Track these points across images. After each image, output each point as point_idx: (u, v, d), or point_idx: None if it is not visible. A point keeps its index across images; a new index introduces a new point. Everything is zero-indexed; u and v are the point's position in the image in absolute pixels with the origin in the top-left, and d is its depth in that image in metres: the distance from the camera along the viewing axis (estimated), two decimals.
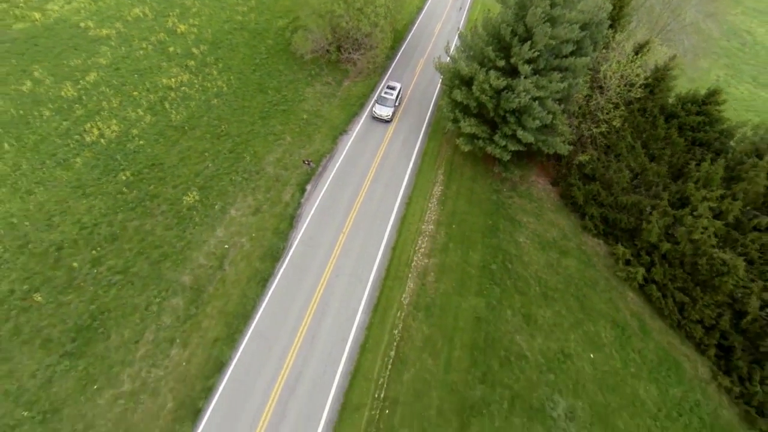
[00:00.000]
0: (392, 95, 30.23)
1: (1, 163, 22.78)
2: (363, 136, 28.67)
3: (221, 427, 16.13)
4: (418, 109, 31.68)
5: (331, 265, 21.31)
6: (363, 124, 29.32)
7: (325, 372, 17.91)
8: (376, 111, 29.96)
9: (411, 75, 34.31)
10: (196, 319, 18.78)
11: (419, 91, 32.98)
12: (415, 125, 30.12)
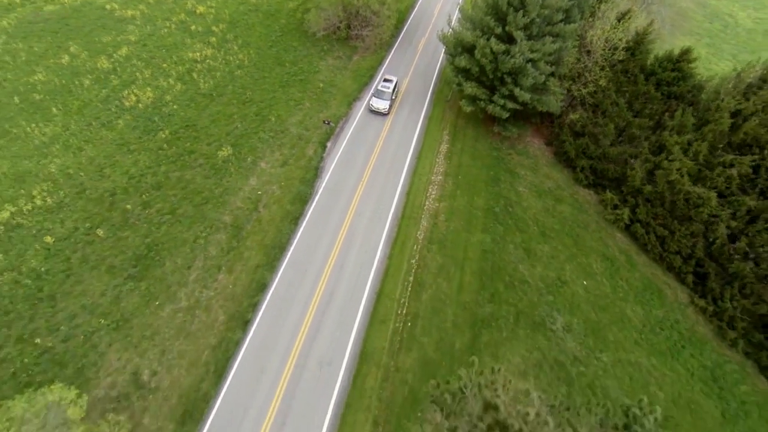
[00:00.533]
0: (389, 88, 30.35)
1: (52, 125, 25.20)
2: None
3: (267, 334, 18.72)
4: (422, 80, 34.35)
5: (354, 208, 23.95)
6: (373, 91, 32.07)
7: (354, 292, 20.57)
8: (373, 104, 30.07)
9: (414, 51, 36.98)
10: (238, 251, 21.34)
11: (422, 65, 35.67)
12: (420, 94, 32.77)
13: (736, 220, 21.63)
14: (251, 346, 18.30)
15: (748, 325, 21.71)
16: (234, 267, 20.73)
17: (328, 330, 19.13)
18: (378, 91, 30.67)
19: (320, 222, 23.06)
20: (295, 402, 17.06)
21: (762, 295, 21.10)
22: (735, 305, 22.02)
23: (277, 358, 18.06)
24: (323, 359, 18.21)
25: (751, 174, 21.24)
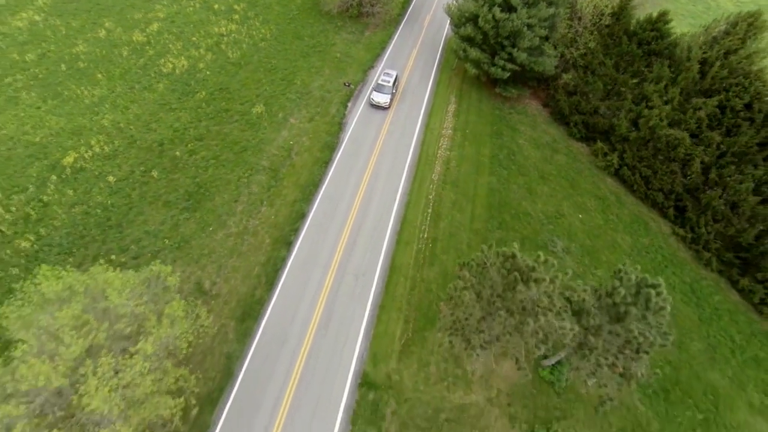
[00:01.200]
0: (389, 82, 30.26)
1: (99, 88, 27.74)
2: (390, 68, 34.35)
3: (309, 252, 21.50)
4: (429, 52, 37.34)
5: (376, 154, 26.86)
6: (386, 63, 34.87)
7: (381, 220, 23.45)
8: (373, 98, 29.88)
9: (420, 27, 40.01)
10: (277, 189, 24.09)
11: (428, 39, 38.68)
12: (428, 64, 35.74)
13: (708, 155, 24.92)
14: (295, 262, 21.10)
15: (720, 247, 24.94)
16: (274, 201, 23.49)
17: (361, 249, 21.99)
18: (378, 85, 30.60)
19: (347, 165, 25.93)
20: (337, 304, 19.87)
21: (730, 219, 24.36)
22: (709, 230, 25.25)
23: (318, 271, 20.88)
24: (358, 271, 21.07)
25: (718, 114, 24.54)
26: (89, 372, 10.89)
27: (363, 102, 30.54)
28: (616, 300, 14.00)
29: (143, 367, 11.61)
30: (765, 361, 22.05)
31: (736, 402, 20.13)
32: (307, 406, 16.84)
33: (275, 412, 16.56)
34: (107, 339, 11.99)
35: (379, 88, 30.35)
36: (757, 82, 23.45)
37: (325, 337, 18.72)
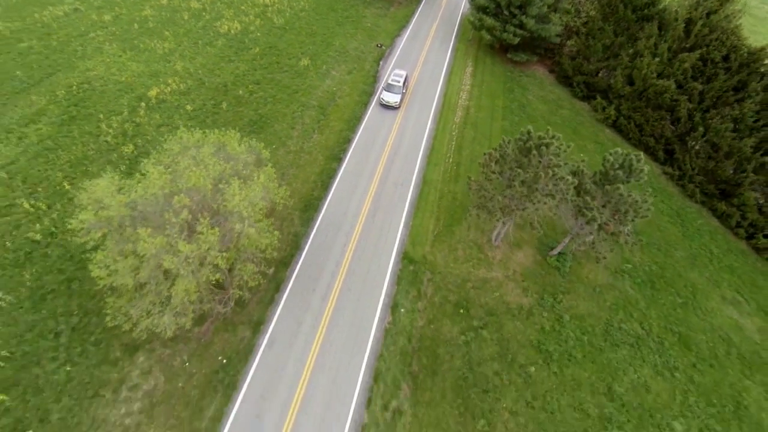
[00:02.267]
0: (399, 82, 30.28)
1: (168, 43, 32.25)
2: (412, 38, 38.82)
3: (356, 165, 25.73)
4: (448, 24, 41.99)
5: (406, 100, 31.33)
6: (410, 32, 39.45)
7: (413, 147, 27.71)
8: (383, 98, 29.77)
9: (439, 5, 44.97)
10: (325, 121, 28.39)
11: (447, 14, 43.48)
12: (447, 34, 40.30)
13: (692, 102, 29.07)
14: (345, 173, 25.31)
15: (703, 180, 28.95)
16: (324, 130, 27.76)
17: (398, 166, 26.18)
18: (388, 84, 30.48)
19: (379, 116, 30.28)
20: (381, 203, 24.01)
21: (710, 154, 28.44)
22: (693, 167, 29.33)
23: (364, 179, 25.07)
24: (397, 182, 25.26)
25: (700, 65, 28.75)
26: (228, 184, 15.17)
27: (393, 60, 35.08)
28: (607, 166, 18.17)
29: (257, 194, 15.80)
30: (738, 270, 25.92)
31: (710, 294, 24.02)
32: (360, 271, 20.89)
33: (335, 275, 20.62)
34: (232, 173, 16.25)
35: (389, 87, 30.35)
36: (732, 36, 27.72)
37: (372, 225, 22.86)
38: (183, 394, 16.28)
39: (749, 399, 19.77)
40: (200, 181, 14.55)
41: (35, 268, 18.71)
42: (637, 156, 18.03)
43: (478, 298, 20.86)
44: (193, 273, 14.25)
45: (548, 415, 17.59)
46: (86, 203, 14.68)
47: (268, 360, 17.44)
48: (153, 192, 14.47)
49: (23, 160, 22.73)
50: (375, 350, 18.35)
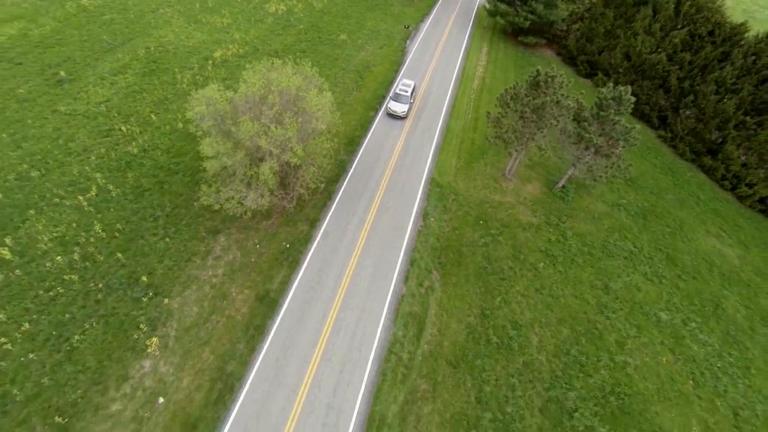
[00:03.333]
0: (407, 92, 29.47)
1: (225, 19, 36.89)
2: (434, 24, 43.22)
3: (386, 122, 29.68)
4: (465, 14, 46.41)
5: (430, 71, 35.44)
6: (432, 19, 44.04)
7: (437, 105, 31.68)
8: (390, 108, 28.94)
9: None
10: (362, 82, 32.51)
11: (464, 6, 48.14)
12: (465, 22, 44.71)
13: (682, 72, 32.79)
14: (380, 120, 29.19)
15: (692, 140, 32.44)
16: (361, 89, 31.84)
17: (426, 118, 30.12)
18: (396, 94, 29.64)
19: (411, 73, 34.47)
20: (411, 143, 27.83)
21: (698, 116, 31.97)
22: (683, 128, 32.85)
23: (397, 126, 29.05)
24: (425, 129, 29.13)
25: (689, 40, 32.56)
26: (307, 92, 19.23)
27: (417, 42, 39.46)
28: (601, 98, 21.91)
29: (326, 103, 19.83)
30: (722, 212, 29.10)
31: (696, 228, 27.25)
32: (396, 189, 24.57)
33: (375, 191, 24.29)
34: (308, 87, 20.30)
35: (396, 97, 29.51)
36: (717, 14, 31.63)
37: (405, 159, 26.66)
38: (256, 265, 19.98)
39: (726, 303, 22.89)
40: (287, 83, 18.65)
41: (134, 173, 22.77)
42: (625, 89, 21.75)
43: (494, 215, 24.45)
44: (278, 154, 18.20)
45: (554, 300, 20.93)
46: (199, 100, 18.82)
47: (323, 247, 21.11)
48: (252, 91, 18.57)
49: (116, 99, 27.08)
50: (410, 245, 21.93)
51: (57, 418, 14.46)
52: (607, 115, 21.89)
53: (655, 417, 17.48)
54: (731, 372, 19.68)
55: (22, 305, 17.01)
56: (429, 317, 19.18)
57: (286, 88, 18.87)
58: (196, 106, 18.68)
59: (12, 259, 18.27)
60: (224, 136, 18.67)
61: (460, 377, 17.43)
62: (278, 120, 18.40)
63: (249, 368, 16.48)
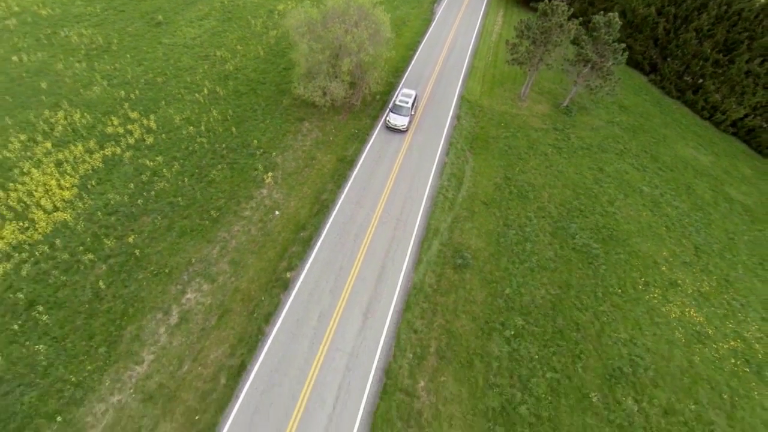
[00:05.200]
0: (407, 103, 27.59)
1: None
2: None
3: (426, 56, 35.99)
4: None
5: (455, 26, 41.89)
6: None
7: (464, 47, 38.06)
8: (390, 120, 27.04)
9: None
10: (400, 32, 38.96)
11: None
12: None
13: (668, 23, 38.83)
14: (418, 58, 35.68)
15: (677, 81, 38.37)
16: (401, 37, 38.28)
17: (453, 58, 36.58)
18: (396, 106, 27.65)
19: (438, 30, 40.91)
20: (444, 74, 34.18)
21: (682, 59, 37.92)
22: (669, 71, 38.82)
23: (431, 63, 35.41)
24: (453, 66, 35.53)
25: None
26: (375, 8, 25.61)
27: (444, 4, 46.11)
28: (594, 23, 28.06)
29: (387, 19, 26.18)
30: (700, 133, 34.84)
31: (676, 141, 33.14)
32: (435, 100, 30.91)
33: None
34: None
35: (396, 109, 27.44)
36: None
37: (439, 84, 33.03)
38: (333, 142, 26.30)
39: (696, 187, 28.76)
40: (363, 0, 25.10)
41: (233, 82, 29.27)
42: (613, 16, 27.87)
43: (512, 121, 30.64)
44: (356, 52, 24.58)
45: (559, 173, 26.98)
46: (297, 12, 25.35)
47: (383, 133, 27.39)
48: (336, 5, 25.04)
49: (205, 36, 33.72)
50: (448, 135, 28.16)
51: (213, 212, 20.79)
52: (599, 35, 28.03)
53: (635, 245, 23.41)
54: (696, 225, 25.56)
55: (171, 155, 23.43)
56: (466, 176, 25.36)
57: (362, 4, 25.29)
58: (291, 18, 25.18)
59: (157, 129, 24.76)
60: (316, 40, 25.08)
61: (491, 211, 23.54)
62: (356, 26, 24.82)
63: (337, 197, 22.73)
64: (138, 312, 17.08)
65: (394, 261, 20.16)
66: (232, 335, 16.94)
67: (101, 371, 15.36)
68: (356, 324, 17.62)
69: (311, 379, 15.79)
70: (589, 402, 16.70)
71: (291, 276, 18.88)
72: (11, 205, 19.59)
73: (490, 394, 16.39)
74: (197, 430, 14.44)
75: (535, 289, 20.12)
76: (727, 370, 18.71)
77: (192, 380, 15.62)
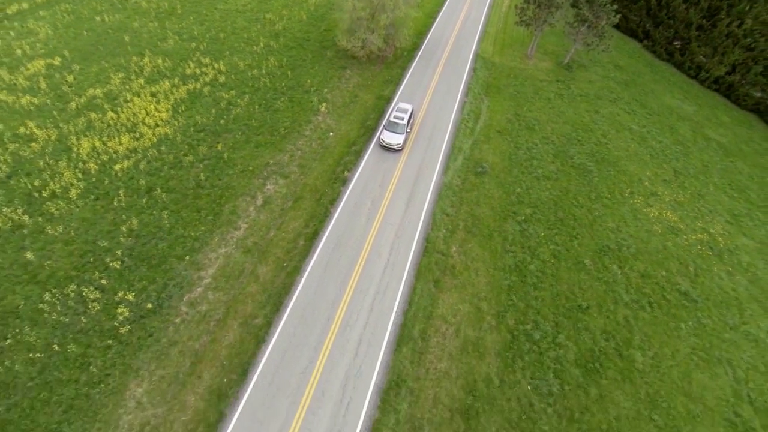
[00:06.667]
0: (403, 119, 24.72)
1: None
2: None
3: (441, 30, 39.89)
4: None
5: (463, 12, 45.71)
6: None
7: (477, 19, 41.90)
8: (384, 139, 24.31)
9: None
10: (421, 9, 42.91)
11: None
12: None
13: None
14: (439, 21, 39.59)
15: (667, 45, 41.99)
16: (419, 11, 42.26)
17: (467, 28, 40.42)
18: (390, 122, 24.87)
19: (454, 3, 44.75)
20: (462, 35, 38.10)
21: (671, 26, 41.50)
22: (659, 36, 42.41)
23: (450, 25, 39.30)
24: (467, 33, 39.41)
25: None
26: None
27: None
28: None
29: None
30: (685, 89, 38.58)
31: (664, 93, 36.90)
32: (454, 56, 34.88)
33: (440, 59, 34.59)
34: None
35: (391, 126, 24.72)
36: None
37: (458, 43, 36.98)
38: (371, 86, 30.43)
39: (679, 128, 32.64)
40: None
41: (283, 39, 33.41)
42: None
43: (520, 74, 34.60)
44: (392, 9, 28.67)
45: (561, 113, 30.98)
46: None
47: (412, 79, 31.53)
48: None
49: (254, 3, 37.78)
50: (466, 83, 32.21)
51: (281, 131, 25.11)
52: None
53: (623, 166, 27.44)
54: (676, 155, 29.52)
55: (241, 90, 27.69)
56: (482, 112, 29.49)
57: None
58: None
59: (227, 71, 29.01)
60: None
61: (504, 137, 27.69)
62: None
63: (379, 123, 26.96)
64: (232, 196, 21.47)
65: (428, 167, 24.40)
66: (305, 213, 21.32)
67: (211, 232, 19.79)
68: (401, 207, 21.93)
69: (369, 241, 20.14)
70: (582, 265, 20.94)
71: (347, 175, 23.19)
72: (123, 122, 23.97)
73: (506, 256, 20.67)
74: (286, 272, 18.84)
75: (540, 192, 24.31)
76: (694, 252, 22.85)
77: (278, 241, 20.02)
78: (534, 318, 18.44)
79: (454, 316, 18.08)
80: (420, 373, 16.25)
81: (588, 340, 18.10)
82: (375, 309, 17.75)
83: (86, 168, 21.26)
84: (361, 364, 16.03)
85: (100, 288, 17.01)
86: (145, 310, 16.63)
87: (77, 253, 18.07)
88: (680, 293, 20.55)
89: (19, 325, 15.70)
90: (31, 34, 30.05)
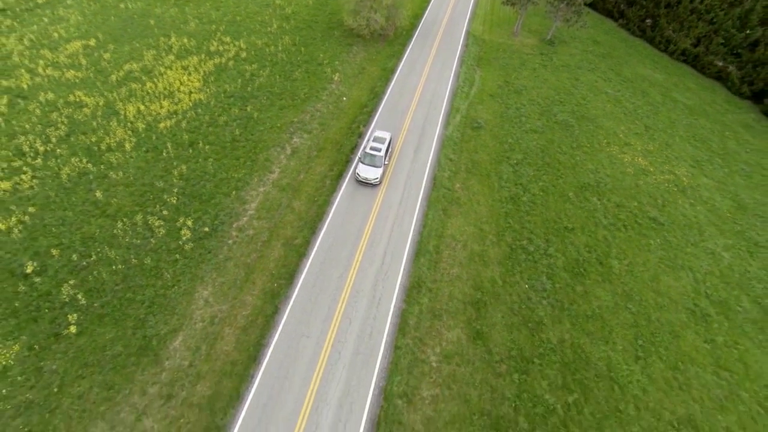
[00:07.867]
0: (380, 151, 22.21)
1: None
2: None
3: (431, 19, 42.89)
4: None
5: (451, 3, 48.98)
6: None
7: (462, 16, 45.01)
8: (360, 173, 21.81)
9: None
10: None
11: None
12: None
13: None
14: (432, 6, 42.60)
15: (640, 23, 45.51)
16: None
17: (459, 8, 43.49)
18: (365, 154, 22.28)
19: (438, 7, 48.05)
20: (453, 18, 41.15)
21: (642, 5, 45.01)
22: (633, 14, 45.91)
23: (443, 8, 42.34)
24: (459, 15, 42.49)
25: None
26: None
27: None
28: None
29: None
30: (656, 60, 41.94)
31: (637, 64, 40.29)
32: (448, 34, 37.92)
33: (435, 36, 37.57)
34: None
35: (367, 158, 22.13)
36: None
37: (450, 23, 40.03)
38: (376, 60, 33.32)
39: (649, 92, 35.99)
40: None
41: (294, 21, 36.13)
42: None
43: (508, 49, 37.77)
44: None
45: (544, 81, 34.18)
46: None
47: (411, 55, 34.45)
48: None
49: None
50: (460, 57, 35.27)
51: (301, 95, 27.91)
52: None
53: (600, 122, 30.71)
54: (647, 114, 32.90)
55: (261, 63, 30.38)
56: (476, 80, 32.59)
57: None
58: None
59: (247, 48, 31.66)
60: None
61: (495, 100, 30.81)
62: None
63: (386, 89, 29.87)
64: (264, 147, 24.23)
65: (430, 125, 27.40)
66: (329, 160, 24.17)
67: (250, 174, 22.55)
68: (410, 156, 24.89)
69: (386, 179, 23.08)
70: (567, 197, 24.12)
71: (362, 129, 26.10)
72: (161, 91, 26.54)
73: (502, 191, 23.77)
74: (317, 204, 21.70)
75: (529, 142, 27.46)
76: (662, 189, 26.17)
77: (307, 182, 22.85)
78: (528, 236, 21.56)
79: (462, 235, 21.12)
80: (436, 277, 19.25)
81: (574, 252, 21.27)
82: (395, 231, 20.70)
83: (135, 127, 23.85)
84: (388, 270, 18.98)
85: (162, 218, 19.69)
86: (202, 233, 19.37)
87: (138, 192, 20.70)
88: (650, 218, 23.83)
89: (99, 246, 18.32)
90: (62, 20, 32.34)
